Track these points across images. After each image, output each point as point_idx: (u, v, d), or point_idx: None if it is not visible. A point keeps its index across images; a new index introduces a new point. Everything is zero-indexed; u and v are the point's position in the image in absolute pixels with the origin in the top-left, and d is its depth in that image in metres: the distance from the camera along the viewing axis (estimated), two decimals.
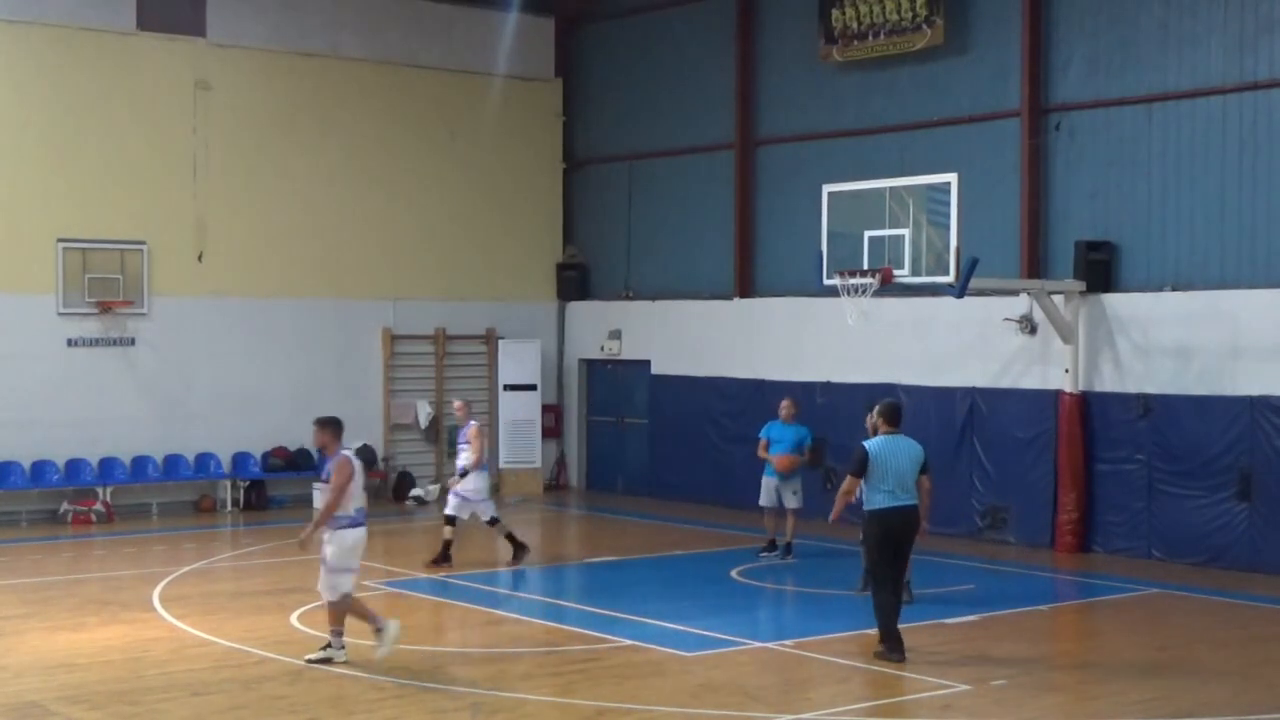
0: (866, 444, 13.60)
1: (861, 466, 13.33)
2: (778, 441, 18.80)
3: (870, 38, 22.17)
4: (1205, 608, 16.12)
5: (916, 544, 13.76)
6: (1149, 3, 19.54)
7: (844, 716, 11.59)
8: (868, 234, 18.33)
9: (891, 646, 13.20)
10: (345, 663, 12.86)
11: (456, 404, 19.41)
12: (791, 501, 18.78)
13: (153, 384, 23.34)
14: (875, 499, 13.40)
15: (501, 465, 26.20)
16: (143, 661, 13.20)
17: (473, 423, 18.89)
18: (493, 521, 18.91)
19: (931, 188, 18.21)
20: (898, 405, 14.03)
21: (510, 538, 18.86)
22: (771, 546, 19.04)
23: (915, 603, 15.33)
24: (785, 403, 19.16)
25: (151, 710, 11.62)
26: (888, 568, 13.45)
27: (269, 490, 24.08)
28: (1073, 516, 19.57)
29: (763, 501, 19.03)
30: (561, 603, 17.00)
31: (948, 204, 17.83)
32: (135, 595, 16.34)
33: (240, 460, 23.99)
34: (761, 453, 18.85)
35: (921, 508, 13.53)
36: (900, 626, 13.40)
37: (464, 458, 18.68)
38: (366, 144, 25.31)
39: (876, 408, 14.15)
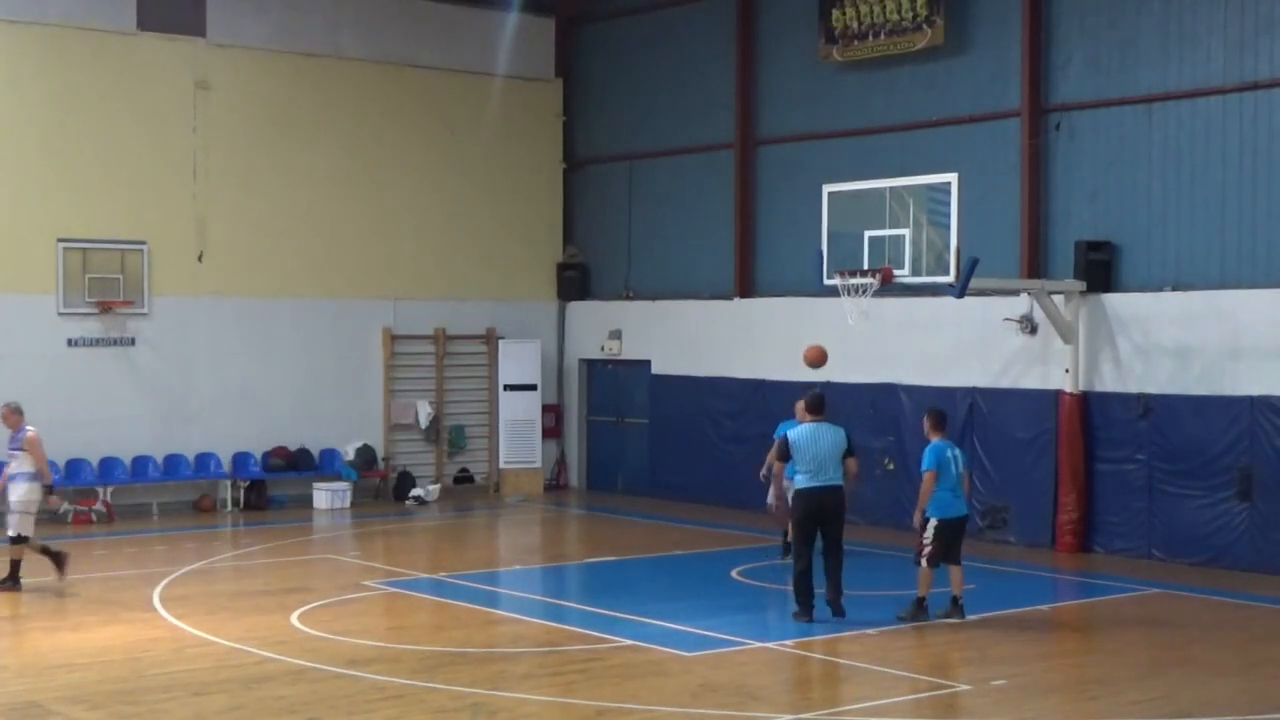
0: (789, 431, 15.38)
1: (783, 452, 15.25)
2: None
3: (870, 38, 22.17)
4: (1205, 608, 16.12)
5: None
6: (1149, 3, 19.54)
7: (844, 716, 11.59)
8: (868, 234, 18.32)
9: (803, 609, 14.92)
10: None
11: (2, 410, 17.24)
12: None
13: (153, 384, 23.34)
14: (798, 480, 15.15)
15: (502, 465, 26.23)
16: (143, 661, 13.20)
17: (28, 429, 16.97)
18: (17, 540, 16.69)
19: (931, 188, 18.20)
20: (820, 395, 15.60)
21: (45, 551, 16.90)
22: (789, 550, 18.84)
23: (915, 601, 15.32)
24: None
25: (151, 710, 11.62)
26: (805, 544, 15.02)
27: (269, 490, 24.08)
28: (1073, 516, 19.57)
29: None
30: (561, 603, 17.01)
31: (948, 204, 17.83)
32: (136, 595, 16.34)
33: (240, 460, 23.99)
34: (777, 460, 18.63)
35: (847, 487, 15.16)
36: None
37: (14, 466, 16.79)
38: (366, 144, 25.31)
39: (802, 400, 15.71)
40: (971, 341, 20.96)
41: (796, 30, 23.50)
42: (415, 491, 24.87)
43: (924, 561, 15.00)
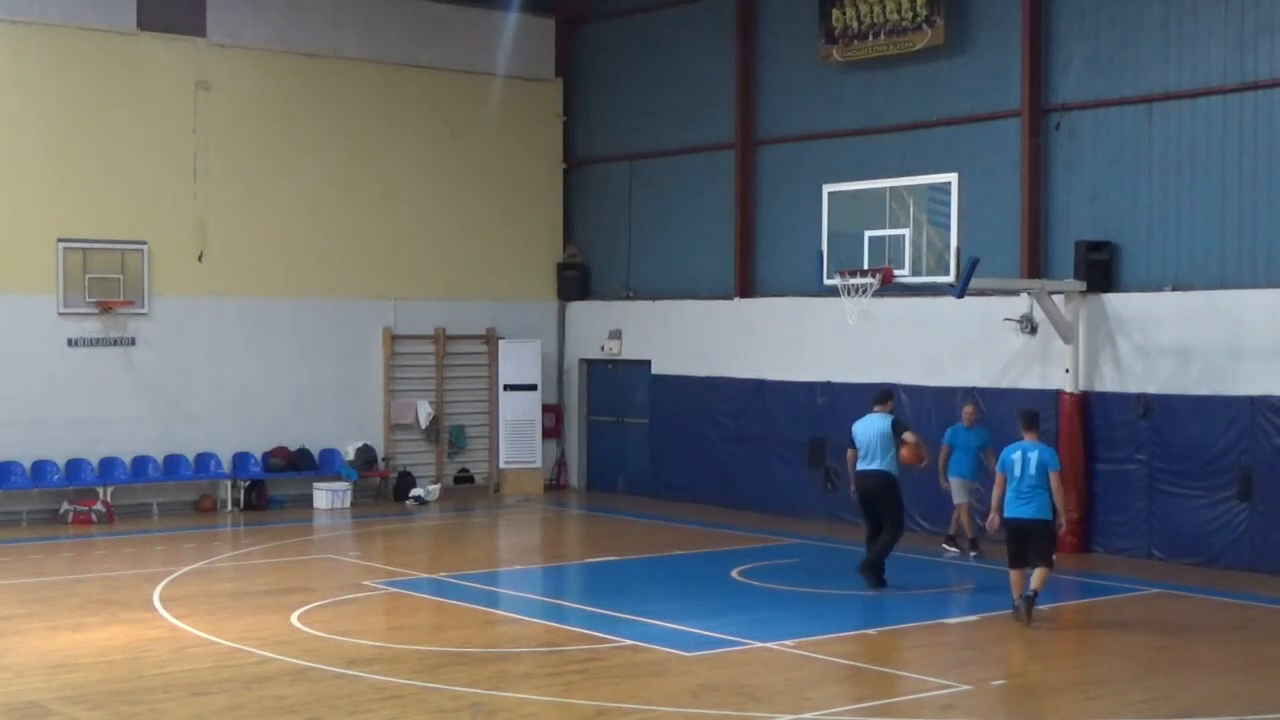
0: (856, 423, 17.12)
1: (851, 440, 17.06)
2: (962, 447, 18.75)
3: (870, 38, 22.17)
4: (1205, 608, 16.12)
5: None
6: (1149, 3, 19.54)
7: (844, 716, 11.59)
8: (868, 234, 18.32)
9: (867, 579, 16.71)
10: None
11: None
12: (960, 497, 18.86)
13: (153, 384, 23.34)
14: (857, 466, 16.96)
15: (502, 465, 26.22)
16: (143, 661, 13.20)
17: None
18: None
19: (932, 188, 18.19)
20: (883, 389, 17.72)
21: None
22: (951, 541, 19.28)
23: (914, 602, 15.33)
24: (967, 408, 19.14)
25: (152, 710, 11.62)
26: (864, 519, 17.10)
27: (269, 490, 24.07)
28: (1073, 516, 19.53)
29: (958, 500, 18.96)
30: (561, 603, 17.00)
31: (948, 204, 17.82)
32: (136, 595, 16.34)
33: (240, 460, 23.99)
34: (943, 461, 18.81)
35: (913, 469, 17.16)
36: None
37: None
38: (366, 144, 25.31)
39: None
40: (971, 341, 20.96)
41: (796, 30, 23.50)
42: (415, 491, 24.86)
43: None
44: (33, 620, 15.05)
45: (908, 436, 16.86)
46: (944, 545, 19.40)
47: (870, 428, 16.85)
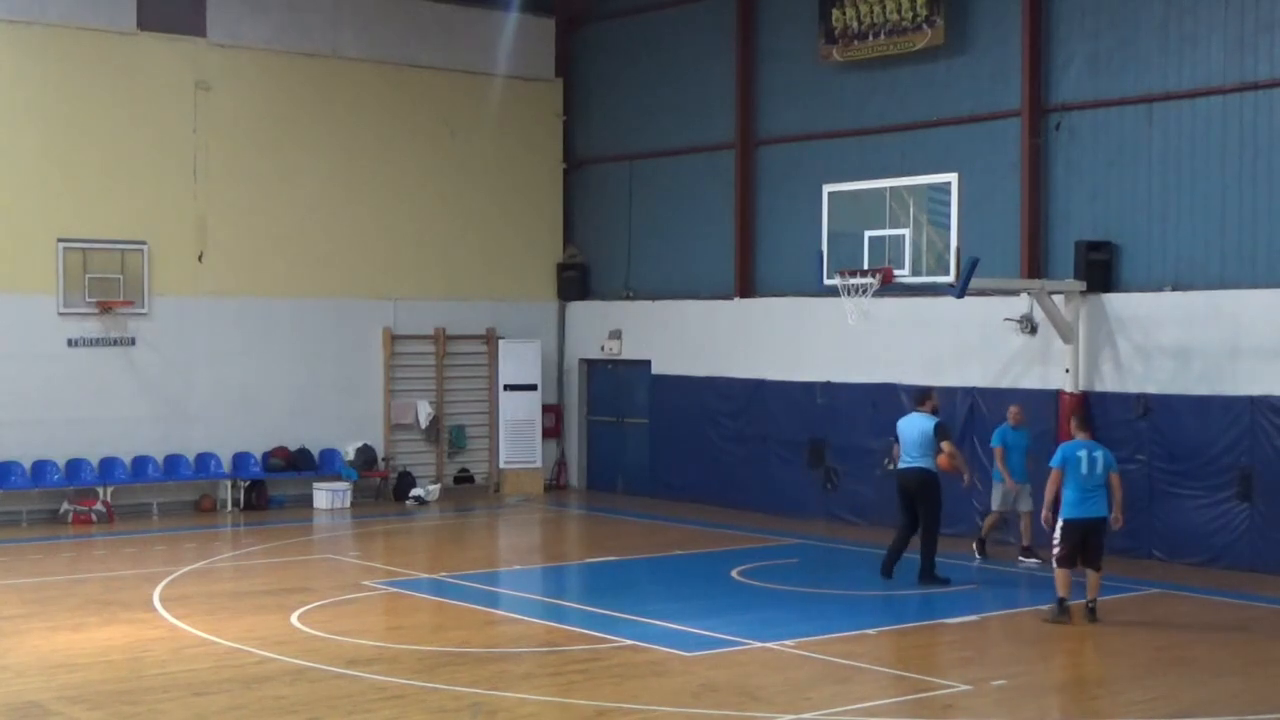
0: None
1: (896, 437, 17.53)
2: (1013, 448, 18.54)
3: (870, 38, 22.17)
4: (1205, 608, 16.12)
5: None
6: (1149, 3, 19.55)
7: (844, 716, 11.59)
8: (868, 234, 18.32)
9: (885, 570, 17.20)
10: None
11: None
12: (1026, 504, 18.55)
13: (153, 384, 23.34)
14: (899, 463, 17.51)
15: (502, 465, 26.23)
16: (143, 661, 13.20)
17: None
18: None
19: (932, 188, 18.20)
20: (920, 390, 18.17)
21: None
22: (1029, 552, 18.65)
23: (914, 602, 15.34)
24: (1014, 409, 18.91)
25: (151, 710, 11.62)
26: (900, 512, 17.56)
27: (269, 490, 24.07)
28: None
29: (995, 506, 18.76)
30: (561, 603, 17.00)
31: (948, 204, 17.83)
32: (136, 595, 16.34)
33: (240, 460, 23.99)
34: (1000, 463, 18.55)
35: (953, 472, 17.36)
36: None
37: None
38: (366, 144, 25.31)
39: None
40: (971, 341, 20.97)
41: (796, 30, 23.50)
42: (415, 491, 24.86)
43: (1054, 562, 15.11)
44: (33, 620, 15.05)
45: (945, 446, 17.09)
46: (1020, 558, 18.71)
47: (913, 426, 17.20)
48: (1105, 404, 19.55)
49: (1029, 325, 20.28)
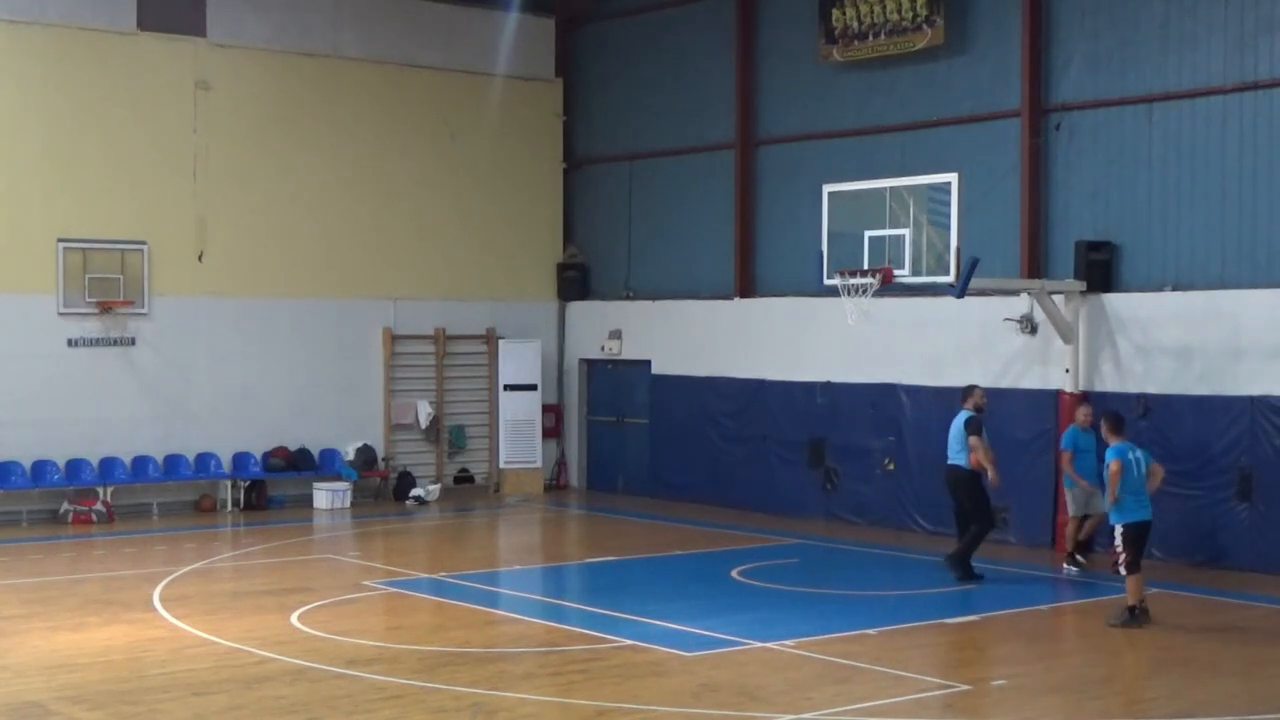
0: None
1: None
2: (1085, 451, 18.01)
3: (870, 38, 22.16)
4: (1205, 608, 16.12)
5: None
6: (1149, 3, 19.54)
7: (844, 716, 11.59)
8: (868, 234, 18.32)
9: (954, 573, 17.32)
10: None
11: None
12: (1101, 506, 17.77)
13: (153, 384, 23.34)
14: None
15: (502, 465, 26.23)
16: (143, 661, 13.21)
17: None
18: None
19: (932, 188, 18.20)
20: (967, 387, 18.07)
21: None
22: (1074, 558, 18.22)
23: (914, 602, 15.33)
24: (1083, 410, 18.30)
25: (152, 710, 11.62)
26: (954, 512, 17.93)
27: (269, 490, 24.07)
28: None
29: (1074, 511, 18.27)
30: (561, 603, 17.00)
31: (948, 204, 17.83)
32: (136, 595, 16.34)
33: (240, 460, 23.99)
34: (1068, 465, 18.05)
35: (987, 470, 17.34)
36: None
37: None
38: (366, 144, 25.30)
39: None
40: (971, 341, 20.96)
41: (796, 30, 23.50)
42: (415, 491, 24.86)
43: (1123, 570, 14.91)
44: (33, 620, 15.05)
45: (971, 442, 17.25)
46: (1065, 564, 18.21)
47: (954, 423, 17.65)
48: (1105, 404, 19.52)
49: (1029, 325, 20.28)
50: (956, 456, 17.48)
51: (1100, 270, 19.64)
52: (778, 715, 11.47)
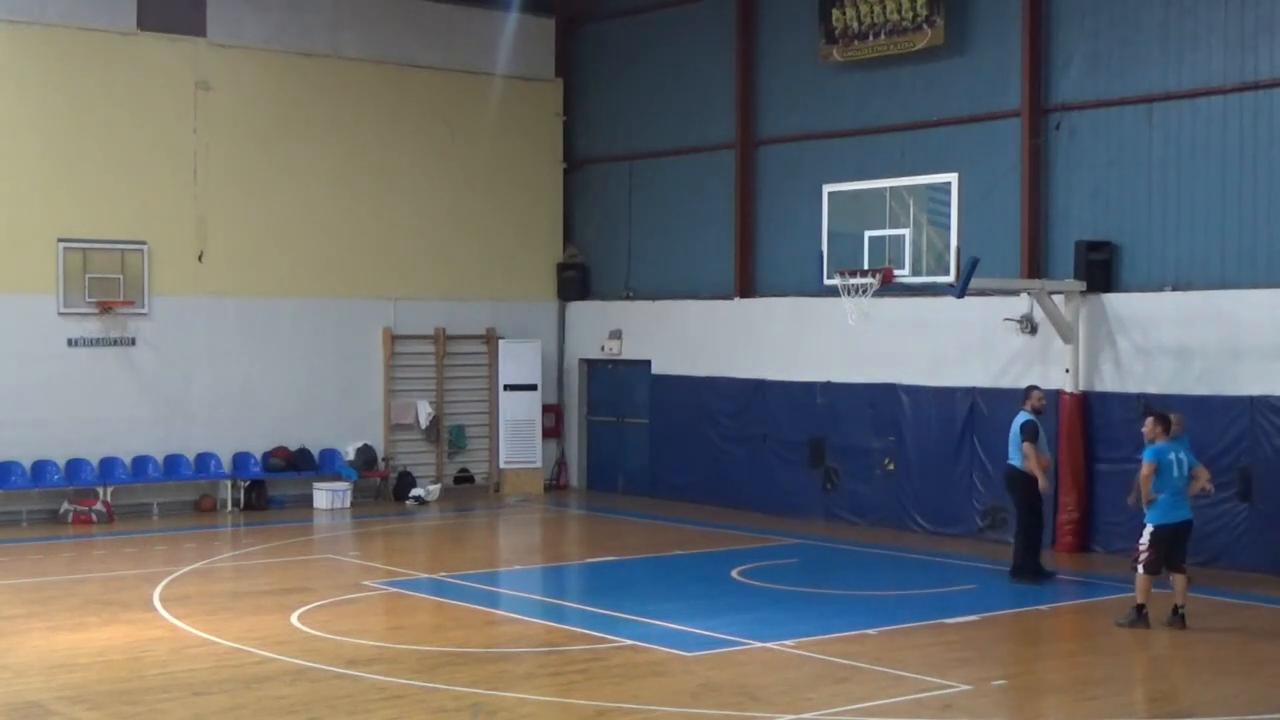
0: None
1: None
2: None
3: (870, 38, 22.16)
4: (1205, 608, 16.10)
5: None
6: (1149, 3, 19.54)
7: (844, 716, 11.59)
8: (868, 234, 18.32)
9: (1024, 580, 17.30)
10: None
11: None
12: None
13: (153, 384, 23.34)
14: None
15: (502, 465, 26.23)
16: (143, 661, 13.21)
17: None
18: None
19: (932, 188, 18.20)
20: (1027, 388, 18.12)
21: None
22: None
23: (914, 602, 15.32)
24: (1173, 416, 16.57)
25: (152, 710, 11.62)
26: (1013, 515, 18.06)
27: (269, 490, 24.07)
28: (1073, 516, 19.58)
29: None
30: (561, 603, 17.01)
31: (948, 204, 17.82)
32: (136, 595, 16.34)
33: (240, 460, 23.99)
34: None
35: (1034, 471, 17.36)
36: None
37: None
38: (366, 144, 25.30)
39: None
40: (971, 341, 20.96)
41: (796, 30, 23.50)
42: (415, 491, 24.86)
43: (1140, 568, 14.87)
44: (33, 620, 15.05)
45: (1025, 449, 17.34)
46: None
47: (1013, 423, 17.74)
48: (1105, 404, 19.55)
49: (1029, 325, 20.28)
50: (1013, 457, 17.61)
51: (1100, 270, 19.64)
52: (777, 715, 11.47)
